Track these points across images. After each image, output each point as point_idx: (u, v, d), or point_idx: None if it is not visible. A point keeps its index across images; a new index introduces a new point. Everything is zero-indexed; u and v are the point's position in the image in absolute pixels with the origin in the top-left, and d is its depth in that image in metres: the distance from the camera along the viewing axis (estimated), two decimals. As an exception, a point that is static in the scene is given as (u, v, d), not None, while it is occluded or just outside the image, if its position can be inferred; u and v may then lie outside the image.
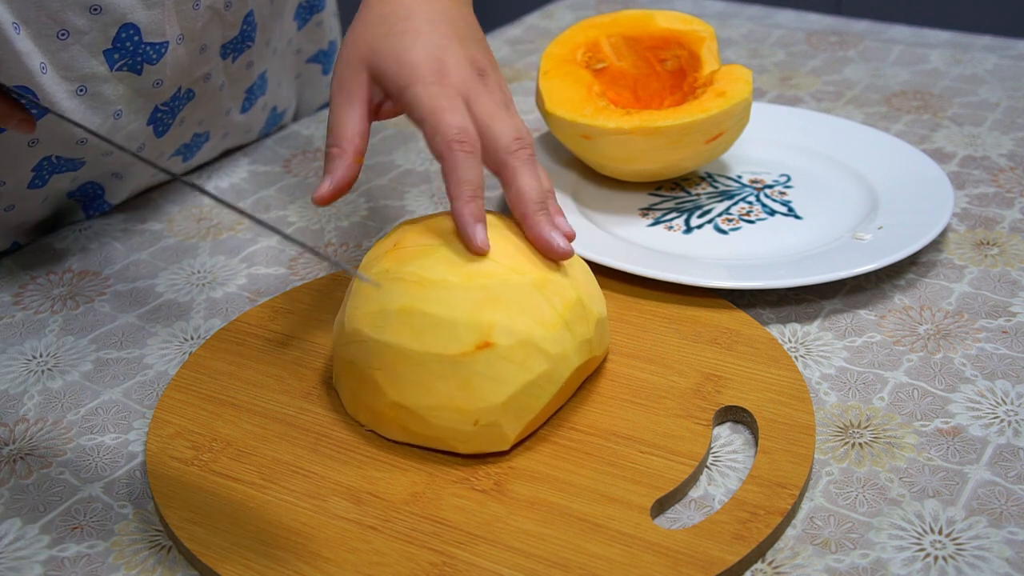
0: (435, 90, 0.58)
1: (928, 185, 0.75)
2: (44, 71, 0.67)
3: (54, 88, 0.68)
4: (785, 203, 0.77)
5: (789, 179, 0.80)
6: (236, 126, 0.88)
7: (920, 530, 0.51)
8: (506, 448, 0.54)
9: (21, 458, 0.58)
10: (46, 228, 0.81)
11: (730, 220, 0.75)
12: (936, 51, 1.04)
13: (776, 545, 0.50)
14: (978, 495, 0.52)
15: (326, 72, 0.97)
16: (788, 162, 0.82)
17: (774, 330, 0.65)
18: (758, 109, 0.87)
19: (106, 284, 0.73)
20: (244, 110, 0.87)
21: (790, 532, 0.51)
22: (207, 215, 0.81)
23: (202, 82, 0.78)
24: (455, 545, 0.49)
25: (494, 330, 0.53)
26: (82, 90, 0.70)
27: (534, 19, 1.19)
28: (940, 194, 0.73)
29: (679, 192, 0.79)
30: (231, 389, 0.60)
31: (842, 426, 0.57)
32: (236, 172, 0.86)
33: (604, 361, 0.61)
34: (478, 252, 0.55)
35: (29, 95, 0.67)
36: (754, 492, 0.51)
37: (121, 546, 0.52)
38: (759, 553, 0.49)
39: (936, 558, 0.49)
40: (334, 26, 0.96)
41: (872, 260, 0.66)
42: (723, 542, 0.49)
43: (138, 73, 0.71)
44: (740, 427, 0.57)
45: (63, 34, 0.67)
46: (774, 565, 0.49)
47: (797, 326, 0.65)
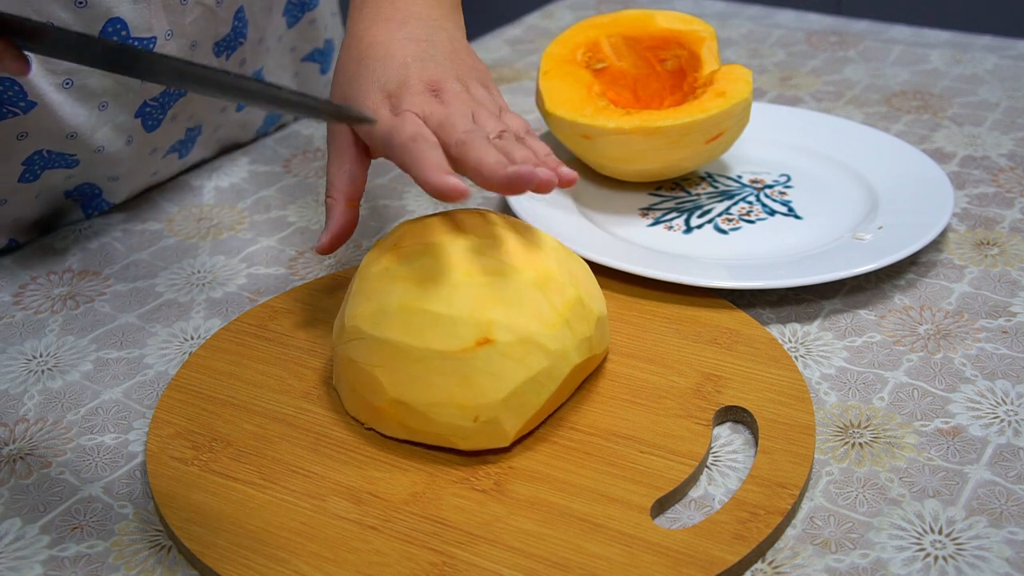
0: (389, 121, 0.59)
1: (928, 185, 0.75)
2: (30, 62, 0.67)
3: (40, 81, 0.68)
4: (785, 203, 0.77)
5: (789, 179, 0.80)
6: (231, 122, 0.88)
7: (920, 530, 0.51)
8: (506, 444, 0.54)
9: (21, 458, 0.58)
10: (45, 227, 0.81)
11: (730, 220, 0.75)
12: (936, 51, 1.04)
13: (776, 545, 0.50)
14: (978, 495, 0.52)
15: (324, 72, 0.97)
16: (788, 162, 0.82)
17: (774, 330, 0.65)
18: (758, 109, 0.87)
19: (106, 284, 0.73)
20: (239, 108, 0.87)
21: (790, 532, 0.51)
22: (207, 215, 0.81)
23: None
24: (455, 545, 0.49)
25: (494, 327, 0.53)
26: (68, 83, 0.70)
27: (534, 19, 1.19)
28: (940, 194, 0.73)
29: (679, 192, 0.79)
30: (231, 389, 0.60)
31: (842, 426, 0.57)
32: (236, 172, 0.86)
33: (604, 361, 0.61)
34: (449, 191, 0.53)
35: (15, 88, 0.68)
36: (754, 492, 0.51)
37: (121, 546, 0.52)
38: (759, 553, 0.49)
39: (936, 558, 0.49)
40: (331, 25, 0.96)
41: (872, 260, 0.66)
42: (723, 542, 0.49)
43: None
44: (740, 427, 0.57)
45: None
46: (774, 565, 0.49)
47: (797, 326, 0.65)
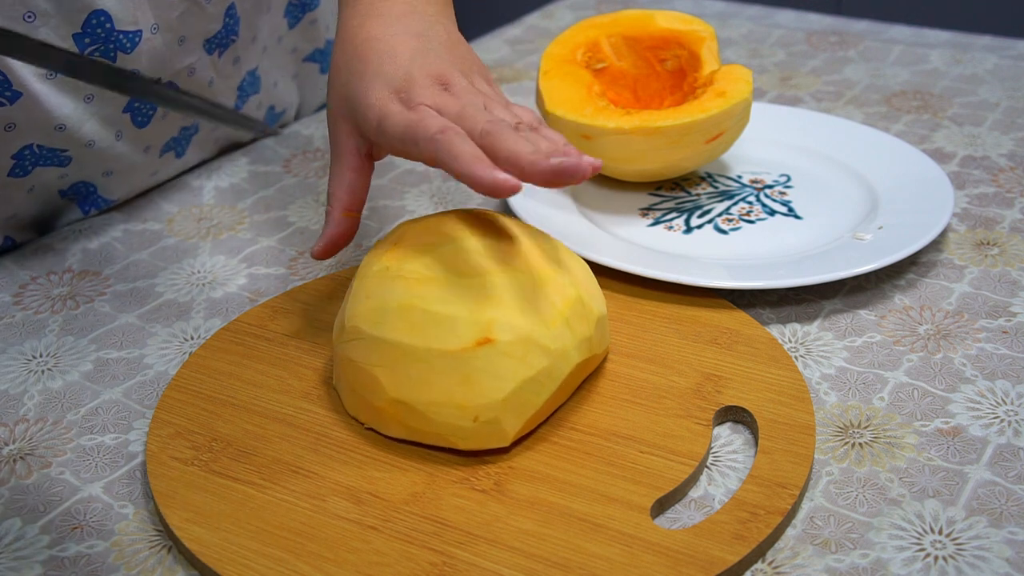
0: (404, 116, 0.58)
1: (928, 185, 0.75)
2: None
3: (24, 70, 0.68)
4: (785, 203, 0.77)
5: (789, 179, 0.80)
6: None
7: (920, 530, 0.51)
8: (506, 444, 0.54)
9: (21, 458, 0.58)
10: (43, 227, 0.81)
11: (730, 220, 0.75)
12: (936, 51, 1.04)
13: (776, 545, 0.50)
14: (978, 495, 0.52)
15: (324, 71, 0.97)
16: (788, 162, 0.82)
17: (774, 330, 0.65)
18: (758, 109, 0.87)
19: (106, 284, 0.73)
20: (237, 107, 0.87)
21: (790, 532, 0.51)
22: (207, 215, 0.81)
23: (186, 75, 0.78)
24: (455, 545, 0.49)
25: (494, 326, 0.53)
26: (51, 74, 0.70)
27: (534, 19, 1.19)
28: (940, 194, 0.73)
29: (679, 192, 0.79)
30: (231, 389, 0.60)
31: (842, 426, 0.57)
32: (236, 172, 0.86)
33: (604, 361, 0.61)
34: (502, 186, 0.51)
35: None
36: (754, 492, 0.51)
37: (121, 546, 0.52)
38: (759, 553, 0.49)
39: (936, 558, 0.49)
40: (333, 25, 0.96)
41: (872, 260, 0.66)
42: (723, 542, 0.49)
43: (112, 60, 0.71)
44: (740, 427, 0.57)
45: (29, 16, 0.67)
46: (774, 565, 0.49)
47: (797, 326, 0.65)
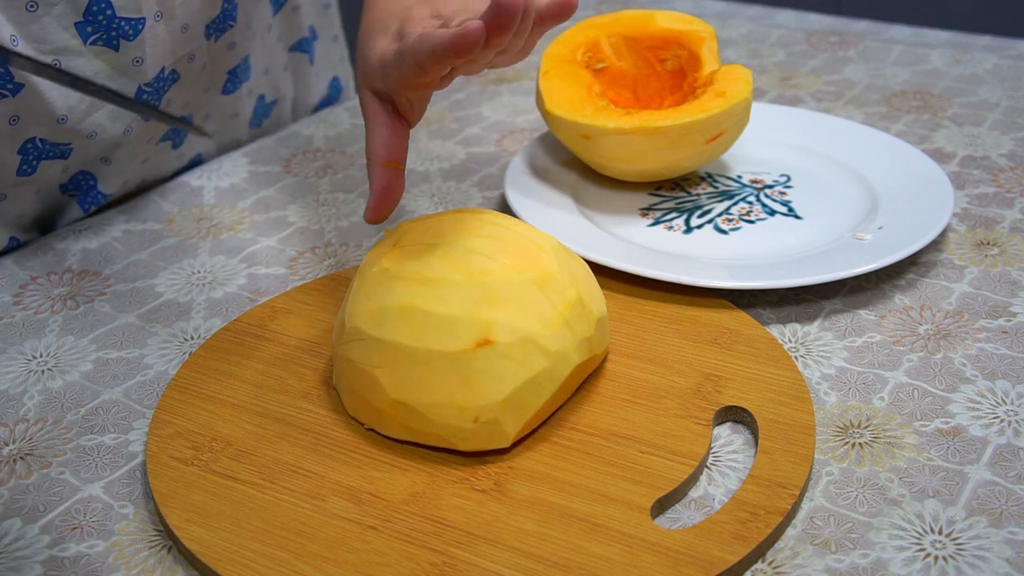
0: (395, 46, 0.59)
1: (928, 185, 0.75)
2: (15, 43, 0.67)
3: (26, 63, 0.68)
4: (785, 203, 0.77)
5: (789, 179, 0.80)
6: (219, 108, 0.87)
7: (920, 530, 0.51)
8: (506, 445, 0.54)
9: (21, 458, 0.58)
10: (44, 226, 0.81)
11: (730, 220, 0.75)
12: (936, 51, 1.04)
13: (776, 545, 0.50)
14: (978, 495, 0.52)
15: (312, 63, 0.96)
16: (788, 162, 0.82)
17: (774, 330, 0.65)
18: (758, 109, 0.87)
19: (106, 284, 0.73)
20: (226, 91, 0.87)
21: (790, 532, 0.51)
22: (207, 215, 0.81)
23: (186, 62, 0.78)
24: (455, 545, 0.49)
25: (494, 327, 0.53)
26: (57, 64, 0.69)
27: (534, 19, 1.19)
28: (940, 194, 0.73)
29: (679, 192, 0.79)
30: (231, 389, 0.60)
31: (842, 426, 0.57)
32: (236, 172, 0.86)
33: (604, 361, 0.61)
34: (473, 30, 0.51)
35: (0, 69, 0.67)
36: (754, 492, 0.51)
37: (121, 546, 0.52)
38: (759, 553, 0.49)
39: (936, 558, 0.49)
40: (315, 14, 0.95)
41: (872, 260, 0.66)
42: (723, 542, 0.49)
43: (115, 49, 0.71)
44: (740, 427, 0.57)
45: (32, 6, 0.67)
46: (774, 565, 0.49)
47: (797, 326, 0.65)
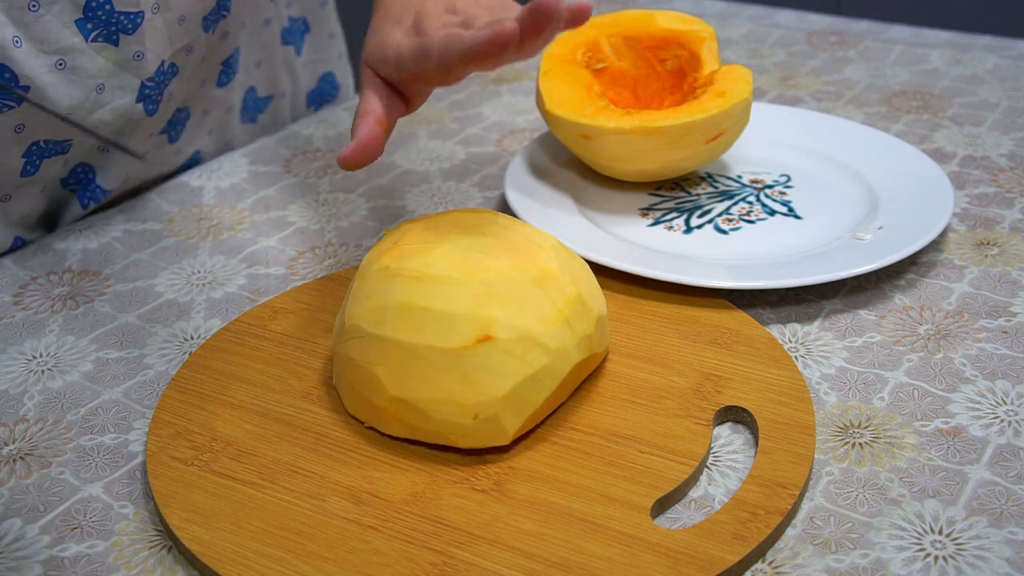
0: (413, 40, 0.61)
1: (928, 185, 0.75)
2: (18, 44, 0.66)
3: (31, 63, 0.68)
4: (785, 203, 0.77)
5: (789, 179, 0.80)
6: (215, 101, 0.87)
7: (920, 530, 0.51)
8: (506, 443, 0.54)
9: (21, 458, 0.58)
10: (48, 224, 0.81)
11: (730, 220, 0.75)
12: (936, 51, 1.04)
13: (776, 545, 0.50)
14: (978, 495, 0.52)
15: (299, 54, 0.96)
16: (788, 162, 0.82)
17: (774, 330, 0.65)
18: (758, 109, 0.87)
19: (106, 284, 0.73)
20: (220, 84, 0.87)
21: (790, 532, 0.51)
22: (207, 215, 0.81)
23: (184, 55, 0.78)
24: (455, 545, 0.49)
25: (494, 324, 0.53)
26: (61, 64, 0.69)
27: (534, 19, 1.19)
28: (940, 194, 0.73)
29: (679, 192, 0.79)
30: (231, 389, 0.60)
31: (842, 426, 0.57)
32: (236, 172, 0.86)
33: (604, 361, 0.61)
34: (508, 32, 0.53)
35: (6, 75, 0.67)
36: (754, 492, 0.51)
37: (121, 546, 0.52)
38: (759, 553, 0.49)
39: (936, 558, 0.49)
40: (301, 8, 0.95)
41: (872, 260, 0.66)
42: (723, 542, 0.49)
43: (115, 44, 0.71)
44: (740, 427, 0.57)
45: (34, 6, 0.66)
46: (774, 565, 0.49)
47: (797, 326, 0.65)
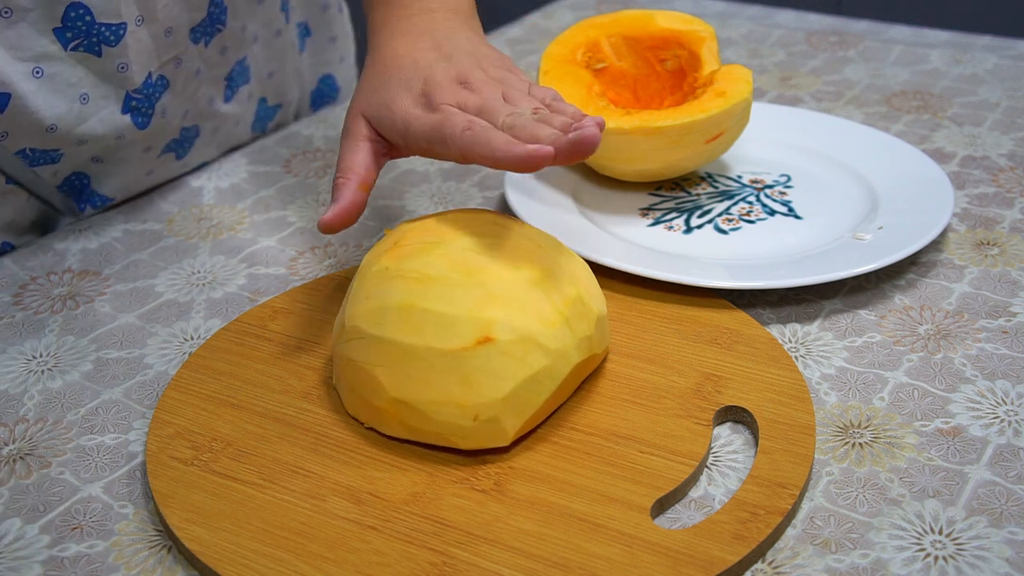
0: (428, 117, 0.60)
1: (928, 185, 0.75)
2: None
3: (8, 69, 0.67)
4: (785, 203, 0.77)
5: (789, 179, 0.80)
6: (224, 118, 0.87)
7: (920, 530, 0.51)
8: (506, 444, 0.54)
9: (21, 458, 0.58)
10: (41, 229, 0.81)
11: (730, 220, 0.75)
12: (936, 51, 1.04)
13: (776, 545, 0.50)
14: (978, 495, 0.52)
15: (300, 53, 0.96)
16: (788, 162, 0.82)
17: (774, 330, 0.65)
18: (758, 109, 0.87)
19: (106, 284, 0.73)
20: (227, 99, 0.87)
21: (790, 532, 0.51)
22: (207, 215, 0.81)
23: (172, 67, 0.77)
24: (455, 545, 0.49)
25: (494, 326, 0.53)
26: (38, 71, 0.69)
27: (534, 19, 1.19)
28: (940, 194, 0.73)
29: (679, 192, 0.79)
30: (231, 389, 0.60)
31: (842, 426, 0.57)
32: (236, 172, 0.86)
33: (604, 361, 0.61)
34: (537, 156, 0.54)
35: None
36: (754, 492, 0.51)
37: (121, 546, 0.52)
38: (759, 553, 0.49)
39: (936, 558, 0.49)
40: (301, 12, 0.94)
41: (872, 260, 0.66)
42: (723, 542, 0.49)
43: (97, 55, 0.71)
44: (740, 427, 0.57)
45: (7, 12, 0.66)
46: (774, 565, 0.49)
47: (797, 326, 0.65)
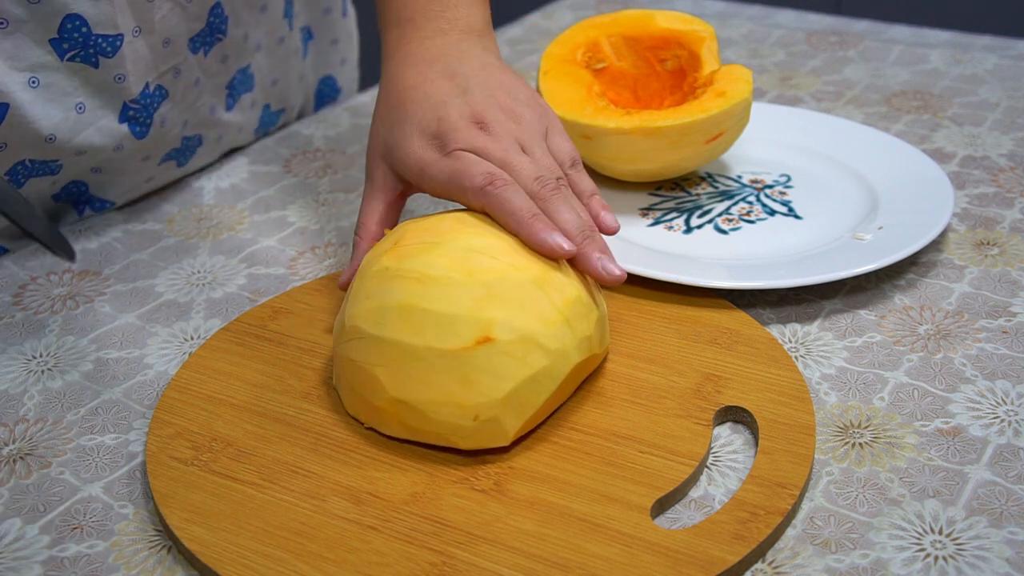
0: (445, 164, 0.61)
1: (928, 185, 0.75)
2: None
3: (5, 79, 0.67)
4: (785, 203, 0.77)
5: (789, 179, 0.80)
6: (227, 126, 0.87)
7: (920, 530, 0.51)
8: (506, 444, 0.54)
9: (21, 458, 0.58)
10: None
11: (730, 220, 0.75)
12: (936, 51, 1.04)
13: (776, 545, 0.50)
14: (978, 495, 0.52)
15: (304, 57, 0.96)
16: (788, 162, 0.82)
17: (774, 330, 0.65)
18: (758, 109, 0.87)
19: (106, 284, 0.73)
20: (229, 107, 0.86)
21: (790, 532, 0.51)
22: (207, 215, 0.81)
23: (171, 77, 0.77)
24: (455, 545, 0.49)
25: (494, 326, 0.53)
26: (34, 81, 0.69)
27: (534, 19, 1.19)
28: (940, 194, 0.73)
29: (679, 192, 0.79)
30: (231, 389, 0.60)
31: (842, 426, 0.57)
32: (236, 172, 0.86)
33: (604, 361, 0.61)
34: (562, 255, 0.56)
35: None
36: (754, 492, 0.51)
37: (121, 546, 0.52)
38: (759, 553, 0.49)
39: (936, 558, 0.49)
40: (304, 17, 0.94)
41: (872, 260, 0.66)
42: (723, 542, 0.49)
43: (94, 66, 0.70)
44: (740, 427, 0.57)
45: (2, 23, 0.66)
46: (774, 565, 0.49)
47: (797, 326, 0.65)
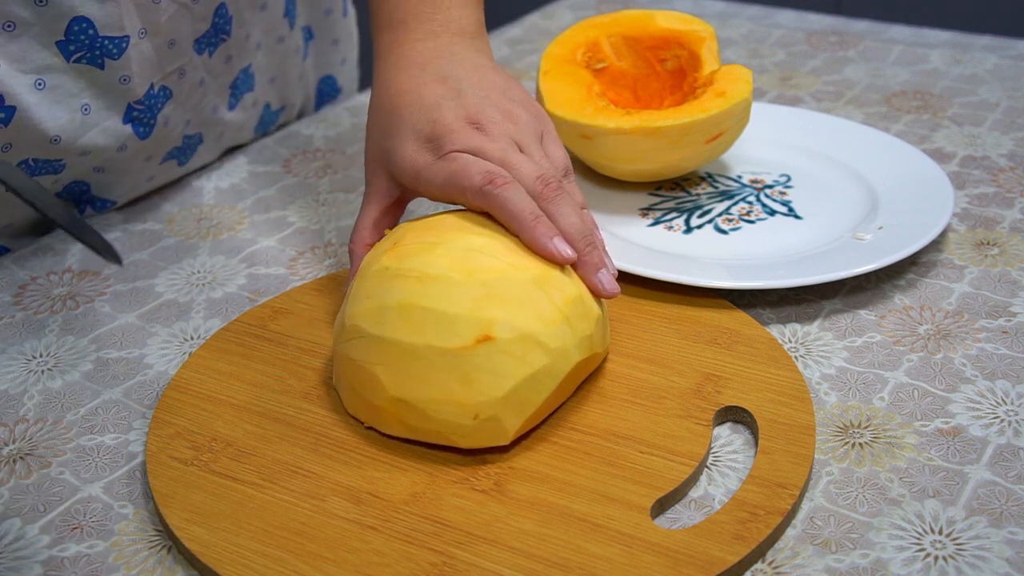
0: (441, 166, 0.60)
1: (928, 185, 0.75)
2: None
3: (12, 81, 0.67)
4: (785, 203, 0.77)
5: (789, 179, 0.80)
6: (229, 125, 0.87)
7: (920, 530, 0.51)
8: (506, 443, 0.54)
9: (21, 458, 0.58)
10: (41, 230, 0.80)
11: (730, 220, 0.75)
12: (936, 51, 1.04)
13: (776, 545, 0.50)
14: (978, 495, 0.52)
15: (304, 60, 0.96)
16: (788, 162, 0.82)
17: (774, 330, 0.65)
18: (758, 109, 0.87)
19: (106, 284, 0.73)
20: (231, 107, 0.86)
21: (790, 532, 0.51)
22: (207, 215, 0.81)
23: (176, 78, 0.77)
24: (455, 545, 0.49)
25: (494, 324, 0.53)
26: (40, 83, 0.69)
27: (534, 19, 1.19)
28: (940, 194, 0.73)
29: (679, 192, 0.79)
30: (231, 389, 0.60)
31: (842, 426, 0.57)
32: (236, 172, 0.86)
33: (604, 361, 0.61)
34: (563, 262, 0.56)
35: None
36: (754, 492, 0.51)
37: (121, 546, 0.52)
38: (759, 553, 0.49)
39: (936, 558, 0.49)
40: (305, 17, 0.94)
41: (872, 260, 0.66)
42: (723, 542, 0.49)
43: (100, 68, 0.71)
44: (740, 427, 0.57)
45: (9, 26, 0.66)
46: (774, 565, 0.49)
47: (797, 326, 0.65)
